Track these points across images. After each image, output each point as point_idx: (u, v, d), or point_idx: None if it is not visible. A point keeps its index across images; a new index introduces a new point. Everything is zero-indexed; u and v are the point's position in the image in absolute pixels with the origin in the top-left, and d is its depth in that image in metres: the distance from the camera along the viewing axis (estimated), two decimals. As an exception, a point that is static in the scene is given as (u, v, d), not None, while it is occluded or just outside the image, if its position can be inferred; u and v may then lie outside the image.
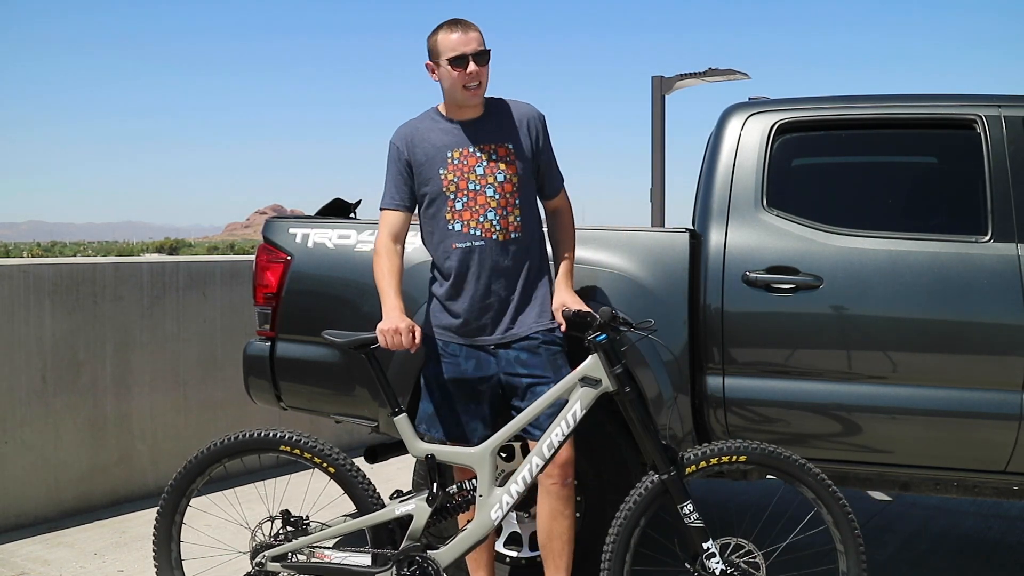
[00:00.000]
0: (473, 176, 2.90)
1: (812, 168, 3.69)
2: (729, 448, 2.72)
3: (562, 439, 2.72)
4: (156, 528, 3.02)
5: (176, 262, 5.34)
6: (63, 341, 4.70)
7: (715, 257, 3.33)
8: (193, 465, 2.97)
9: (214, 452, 2.95)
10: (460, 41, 2.84)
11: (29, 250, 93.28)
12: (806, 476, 2.71)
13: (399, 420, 2.86)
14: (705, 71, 8.40)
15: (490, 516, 2.76)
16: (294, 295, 3.71)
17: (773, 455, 2.72)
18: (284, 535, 2.90)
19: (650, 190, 8.78)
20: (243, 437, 2.92)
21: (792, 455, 2.73)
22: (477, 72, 2.85)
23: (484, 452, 2.79)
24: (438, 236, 2.96)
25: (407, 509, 2.82)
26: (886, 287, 3.17)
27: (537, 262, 2.99)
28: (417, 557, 2.79)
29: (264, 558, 2.88)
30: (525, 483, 2.74)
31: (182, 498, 3.00)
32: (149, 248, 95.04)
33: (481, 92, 2.90)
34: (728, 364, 3.29)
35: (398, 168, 2.97)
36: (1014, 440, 3.08)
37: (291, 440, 2.88)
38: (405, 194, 2.97)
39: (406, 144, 2.97)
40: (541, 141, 3.01)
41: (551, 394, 2.75)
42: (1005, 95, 3.31)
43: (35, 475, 4.59)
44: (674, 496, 2.67)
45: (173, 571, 3.02)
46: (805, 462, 2.73)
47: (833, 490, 2.70)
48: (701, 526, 2.66)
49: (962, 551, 4.19)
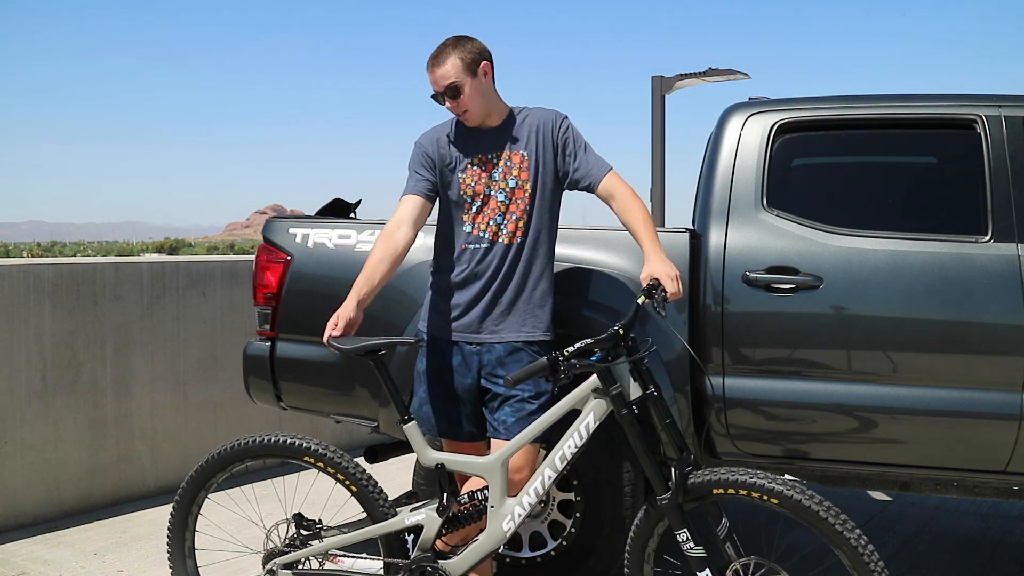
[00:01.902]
0: (488, 181, 2.96)
1: (812, 168, 3.69)
2: (760, 486, 2.48)
3: (575, 451, 2.69)
4: (172, 517, 3.04)
5: (176, 262, 5.34)
6: (63, 341, 4.70)
7: (715, 257, 3.33)
8: (216, 460, 2.97)
9: (239, 450, 2.95)
10: (432, 81, 2.93)
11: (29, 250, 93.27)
12: (841, 541, 2.42)
13: (409, 428, 2.84)
14: (705, 71, 8.40)
15: (502, 527, 2.73)
16: (294, 295, 3.71)
17: (809, 510, 2.43)
18: (296, 540, 2.89)
19: (650, 190, 8.78)
20: (271, 441, 2.91)
21: (832, 510, 2.45)
22: (455, 106, 2.92)
23: (495, 462, 2.76)
24: (450, 236, 3.02)
25: (418, 519, 2.81)
26: (886, 287, 3.17)
27: (540, 270, 3.00)
28: (428, 567, 2.78)
29: (275, 565, 2.88)
30: (537, 494, 2.72)
31: (201, 490, 3.01)
32: (149, 248, 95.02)
33: (471, 115, 2.94)
34: (728, 364, 3.30)
35: (422, 163, 3.02)
36: (1014, 440, 3.08)
37: (316, 452, 2.87)
38: (425, 183, 3.00)
39: (433, 146, 3.04)
40: (560, 142, 3.02)
41: (564, 404, 2.72)
42: (1005, 95, 3.31)
43: (35, 475, 4.59)
44: (670, 521, 2.58)
45: (185, 560, 3.04)
46: (846, 523, 2.44)
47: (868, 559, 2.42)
48: (698, 556, 2.55)
49: (962, 551, 4.19)
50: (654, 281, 2.77)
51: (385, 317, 3.45)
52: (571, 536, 3.38)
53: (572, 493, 3.40)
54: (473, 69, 2.90)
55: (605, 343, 2.57)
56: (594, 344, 2.57)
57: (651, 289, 2.75)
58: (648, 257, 2.86)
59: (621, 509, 3.32)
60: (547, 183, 3.00)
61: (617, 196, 2.98)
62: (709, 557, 2.57)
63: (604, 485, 3.32)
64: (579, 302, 3.35)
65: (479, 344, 2.96)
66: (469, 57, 2.90)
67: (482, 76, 2.92)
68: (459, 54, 2.89)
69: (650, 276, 2.79)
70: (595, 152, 3.05)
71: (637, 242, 2.96)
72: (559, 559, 3.39)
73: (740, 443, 3.33)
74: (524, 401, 2.90)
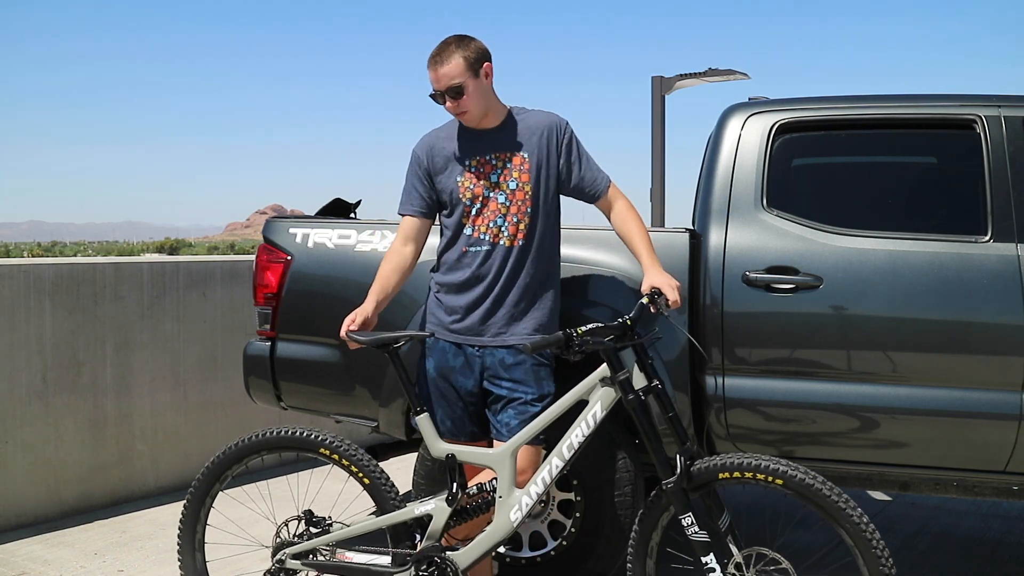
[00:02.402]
0: (488, 183, 2.96)
1: (812, 168, 3.69)
2: (765, 468, 2.52)
3: (582, 440, 2.71)
4: (185, 509, 3.04)
5: (176, 262, 5.34)
6: (63, 341, 4.70)
7: (715, 257, 3.33)
8: (233, 452, 2.98)
9: (256, 443, 2.97)
10: (433, 80, 2.91)
11: (30, 250, 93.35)
12: (844, 519, 2.46)
13: (421, 419, 2.87)
14: (705, 71, 8.40)
15: (509, 517, 2.75)
16: (294, 295, 3.72)
17: (814, 489, 2.48)
18: (306, 535, 2.91)
19: (650, 190, 8.79)
20: (286, 433, 2.94)
21: (836, 491, 2.49)
22: (454, 106, 2.91)
23: (504, 453, 2.78)
24: (452, 238, 3.02)
25: (426, 509, 2.82)
26: (886, 287, 3.18)
27: (543, 272, 3.00)
28: (436, 558, 2.79)
29: (284, 555, 2.90)
30: (545, 484, 2.74)
31: (215, 483, 3.02)
32: (149, 248, 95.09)
33: (469, 115, 2.93)
34: (728, 364, 3.30)
35: (417, 176, 3.05)
36: (1014, 440, 3.08)
37: (330, 444, 2.89)
38: (419, 201, 3.04)
39: (427, 154, 3.04)
40: (564, 148, 3.02)
41: (570, 396, 2.74)
42: (1005, 95, 3.31)
43: (35, 475, 4.59)
44: (674, 506, 2.61)
45: (195, 552, 3.05)
46: (848, 501, 2.47)
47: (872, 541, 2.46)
48: (702, 540, 2.58)
49: (962, 551, 4.19)
50: (655, 290, 2.81)
51: (385, 317, 3.45)
52: (571, 536, 3.38)
53: (572, 493, 3.41)
54: (476, 69, 2.89)
55: (615, 329, 2.65)
56: (604, 328, 2.64)
57: (654, 296, 2.79)
58: (647, 269, 2.91)
59: (621, 509, 3.32)
60: (548, 186, 3.00)
61: (616, 208, 3.05)
62: (713, 543, 2.59)
63: (604, 485, 3.32)
64: (579, 302, 3.35)
65: (481, 347, 2.96)
66: (472, 57, 2.88)
67: (483, 77, 2.91)
68: (463, 53, 2.87)
69: (651, 286, 2.83)
70: (595, 162, 3.08)
71: (634, 254, 3.01)
72: (559, 559, 3.39)
73: (740, 443, 3.33)
74: (527, 404, 2.90)
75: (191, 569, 3.05)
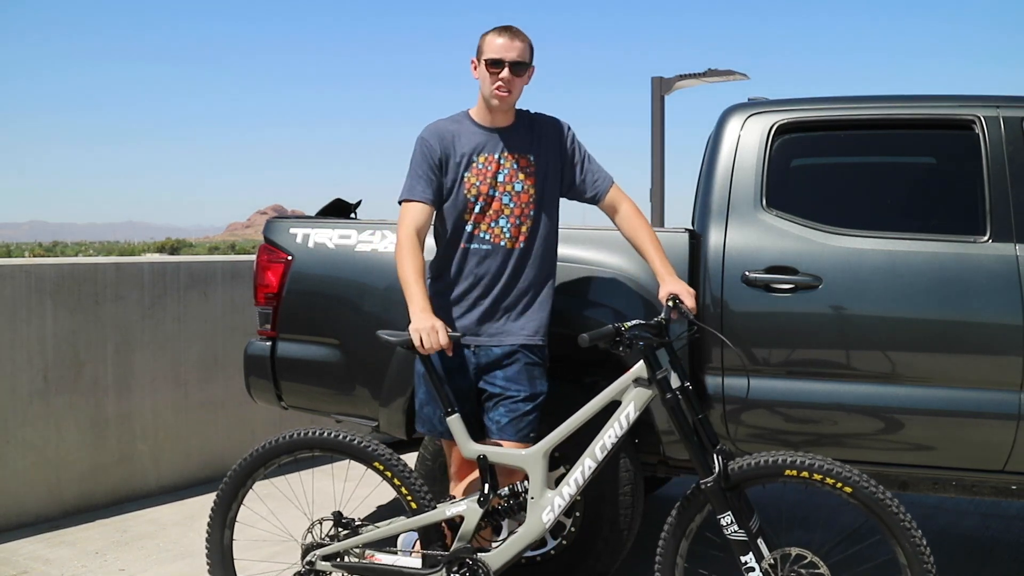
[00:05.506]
0: (493, 182, 2.95)
1: (811, 168, 3.70)
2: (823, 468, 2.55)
3: (615, 441, 2.70)
4: (224, 487, 2.99)
5: (177, 262, 5.35)
6: (64, 341, 4.71)
7: (714, 257, 3.34)
8: (284, 443, 2.94)
9: (294, 441, 2.92)
10: (502, 47, 2.90)
11: (31, 250, 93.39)
12: (906, 539, 2.49)
13: (452, 420, 2.82)
14: (705, 71, 8.42)
15: (541, 518, 2.74)
16: (295, 295, 3.72)
17: (878, 501, 2.51)
18: (336, 537, 2.89)
19: (650, 190, 8.81)
20: (325, 435, 2.89)
21: (902, 508, 2.52)
22: (509, 80, 2.89)
23: (536, 454, 2.77)
24: (452, 235, 2.99)
25: (458, 510, 2.81)
26: (885, 287, 3.18)
27: (542, 275, 3.01)
28: (467, 559, 2.77)
29: (315, 556, 2.88)
30: (577, 485, 2.73)
31: (260, 467, 2.97)
32: (150, 248, 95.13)
33: (509, 98, 2.93)
34: (728, 364, 3.30)
35: (429, 163, 2.96)
36: (1012, 439, 3.09)
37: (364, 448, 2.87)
38: (433, 188, 2.96)
39: (439, 141, 2.98)
40: (569, 152, 3.05)
41: (603, 397, 2.73)
42: (1003, 96, 3.32)
43: (36, 474, 4.60)
44: (713, 505, 2.61)
45: (224, 529, 3.02)
46: (912, 522, 2.51)
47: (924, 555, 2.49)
48: (741, 539, 2.58)
49: (961, 550, 4.20)
50: (674, 296, 2.84)
51: (385, 316, 3.47)
52: (571, 536, 3.39)
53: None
54: (531, 62, 2.96)
55: (652, 328, 2.68)
56: (646, 325, 2.68)
57: (675, 301, 2.83)
58: (663, 278, 2.93)
59: (621, 509, 3.33)
60: (552, 189, 3.01)
61: (621, 210, 3.07)
62: (750, 542, 2.59)
63: (604, 485, 3.33)
64: (579, 302, 3.36)
65: (477, 346, 2.97)
66: (532, 50, 2.96)
67: (529, 74, 2.98)
68: (529, 42, 2.95)
69: (669, 295, 2.86)
70: (597, 162, 3.09)
71: (647, 261, 3.02)
72: (559, 559, 3.40)
73: (740, 444, 3.34)
74: (519, 402, 2.91)
75: (217, 545, 3.02)
